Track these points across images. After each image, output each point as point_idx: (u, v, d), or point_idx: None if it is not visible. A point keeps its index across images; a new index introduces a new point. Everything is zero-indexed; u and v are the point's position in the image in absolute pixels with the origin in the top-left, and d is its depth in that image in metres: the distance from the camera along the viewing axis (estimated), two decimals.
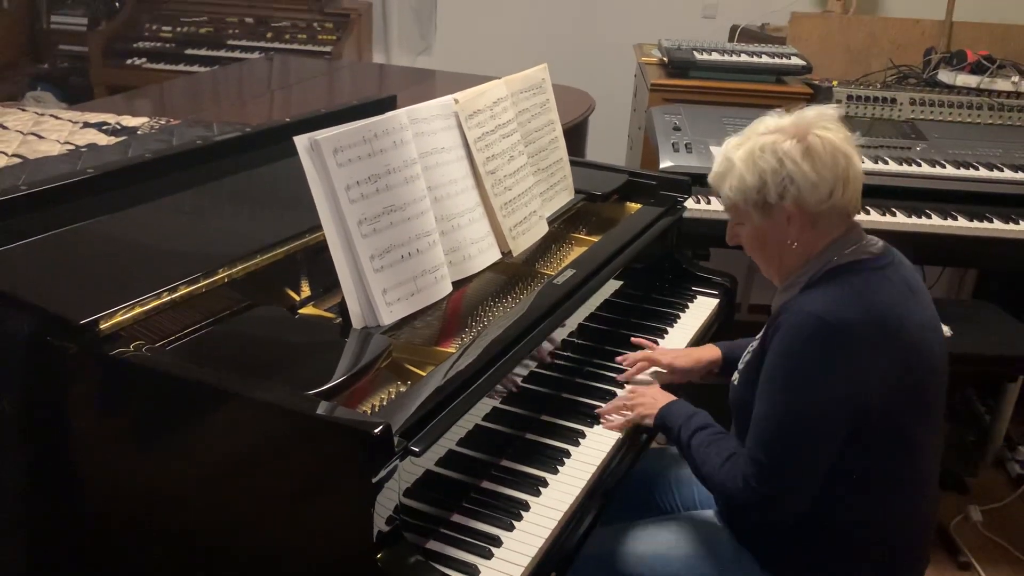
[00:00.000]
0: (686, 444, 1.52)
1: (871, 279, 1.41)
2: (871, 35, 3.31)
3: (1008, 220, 2.59)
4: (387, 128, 1.49)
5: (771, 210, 1.44)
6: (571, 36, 4.13)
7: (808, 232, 1.45)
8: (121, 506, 1.35)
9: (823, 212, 1.42)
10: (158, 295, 1.33)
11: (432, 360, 1.46)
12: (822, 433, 1.37)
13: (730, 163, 1.46)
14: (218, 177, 1.81)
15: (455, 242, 1.63)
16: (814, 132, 1.41)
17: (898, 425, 1.41)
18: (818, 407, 1.36)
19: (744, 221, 1.50)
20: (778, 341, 1.39)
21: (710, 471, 1.47)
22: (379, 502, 1.14)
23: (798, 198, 1.41)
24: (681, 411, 1.58)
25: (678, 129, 2.75)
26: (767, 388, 1.40)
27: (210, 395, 1.21)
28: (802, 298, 1.42)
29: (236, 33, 4.66)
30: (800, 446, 1.38)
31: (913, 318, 1.42)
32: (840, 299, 1.38)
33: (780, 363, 1.39)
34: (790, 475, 1.39)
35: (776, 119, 1.46)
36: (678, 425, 1.55)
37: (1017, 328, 2.66)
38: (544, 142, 2.00)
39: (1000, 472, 2.94)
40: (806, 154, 1.39)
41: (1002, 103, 2.99)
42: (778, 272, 1.53)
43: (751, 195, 1.44)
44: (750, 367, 1.50)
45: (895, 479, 1.45)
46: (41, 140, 2.17)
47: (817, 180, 1.39)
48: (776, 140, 1.42)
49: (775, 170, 1.40)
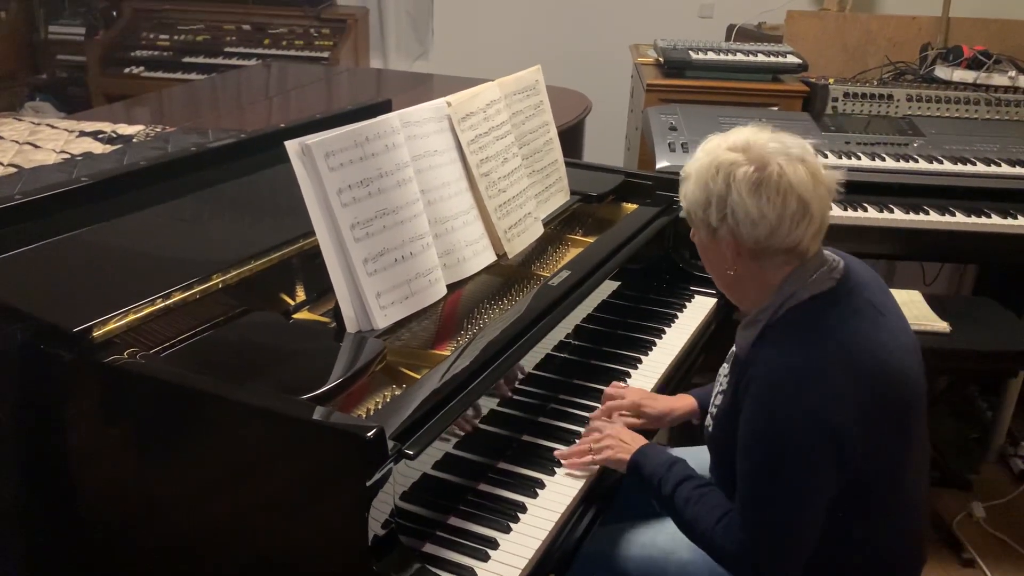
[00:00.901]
0: (668, 496, 1.44)
1: (836, 314, 1.35)
2: (867, 32, 3.30)
3: (1006, 215, 2.58)
4: (379, 132, 1.49)
5: (713, 233, 1.37)
6: (568, 38, 4.13)
7: (748, 263, 1.37)
8: (117, 513, 1.35)
9: (762, 250, 1.34)
10: (152, 302, 1.34)
11: (427, 363, 1.46)
12: (816, 482, 1.32)
13: (689, 170, 1.40)
14: (212, 184, 1.82)
15: (449, 245, 1.63)
16: (776, 163, 1.31)
17: (886, 445, 1.37)
18: (807, 457, 1.30)
19: (694, 231, 1.44)
20: (753, 398, 1.33)
21: (704, 531, 1.39)
22: (374, 506, 1.14)
23: (734, 230, 1.33)
24: (658, 458, 1.49)
25: (674, 129, 2.75)
26: (749, 449, 1.34)
27: (204, 401, 1.21)
28: (767, 349, 1.35)
29: (233, 40, 4.67)
30: (795, 506, 1.32)
31: (883, 343, 1.36)
32: (806, 342, 1.32)
33: (758, 422, 1.32)
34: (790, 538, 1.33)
35: (750, 134, 1.36)
36: (658, 476, 1.45)
37: (1017, 323, 2.65)
38: (539, 144, 2.00)
39: (1003, 468, 2.92)
40: (756, 188, 1.30)
41: (999, 98, 2.99)
42: (728, 293, 1.48)
43: (697, 211, 1.37)
44: (725, 413, 1.46)
45: (888, 495, 1.42)
46: (37, 149, 2.17)
47: (757, 218, 1.30)
48: (735, 162, 1.32)
49: (720, 196, 1.33)
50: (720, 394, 1.51)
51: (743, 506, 1.36)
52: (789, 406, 1.30)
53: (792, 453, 1.31)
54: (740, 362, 1.43)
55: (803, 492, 1.33)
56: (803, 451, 1.30)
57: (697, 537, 1.42)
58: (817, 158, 1.36)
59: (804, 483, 1.32)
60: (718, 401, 1.52)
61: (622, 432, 1.56)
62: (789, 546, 1.34)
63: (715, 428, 1.51)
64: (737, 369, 1.43)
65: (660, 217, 2.13)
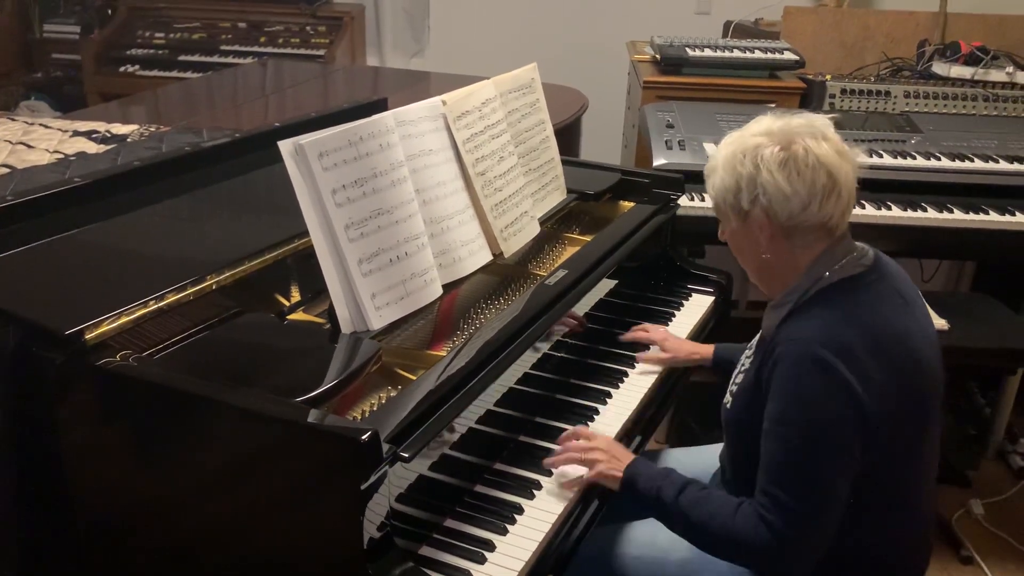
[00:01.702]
0: (671, 503, 1.41)
1: (864, 297, 1.38)
2: (865, 28, 3.29)
3: (1004, 212, 2.58)
4: (373, 131, 1.48)
5: (745, 216, 1.40)
6: (564, 35, 4.12)
7: (781, 244, 1.40)
8: (111, 516, 1.34)
9: (795, 226, 1.38)
10: (145, 303, 1.32)
11: (423, 364, 1.45)
12: (843, 460, 1.32)
13: (715, 162, 1.44)
14: (206, 184, 1.81)
15: (445, 244, 1.62)
16: (802, 141, 1.36)
17: (902, 436, 1.38)
18: (836, 435, 1.31)
19: (724, 222, 1.48)
20: (780, 376, 1.34)
21: (722, 526, 1.36)
22: (369, 508, 1.13)
23: (768, 209, 1.37)
24: (652, 470, 1.48)
25: (671, 126, 2.74)
26: (777, 428, 1.34)
27: (197, 404, 1.20)
28: (796, 326, 1.37)
29: (229, 38, 4.66)
30: (824, 483, 1.32)
31: (909, 330, 1.39)
32: (835, 322, 1.34)
33: (786, 400, 1.33)
34: (820, 510, 1.33)
35: (770, 120, 1.41)
36: (655, 485, 1.43)
37: (1015, 320, 2.65)
38: (535, 142, 1.99)
39: (1001, 465, 2.92)
40: (784, 164, 1.35)
41: (996, 94, 2.98)
42: (759, 280, 1.50)
43: (728, 197, 1.41)
44: (745, 391, 1.46)
45: (898, 488, 1.42)
46: (30, 149, 2.16)
47: (790, 193, 1.34)
48: (760, 144, 1.37)
49: (751, 177, 1.37)
50: (741, 373, 1.52)
51: (772, 487, 1.33)
52: (818, 383, 1.31)
53: (823, 431, 1.31)
54: (765, 342, 1.44)
55: (836, 470, 1.33)
56: (834, 428, 1.31)
57: (713, 536, 1.38)
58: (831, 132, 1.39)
59: (836, 460, 1.33)
60: (739, 380, 1.52)
61: (612, 447, 1.52)
62: (821, 526, 1.34)
63: (733, 405, 1.51)
64: (762, 348, 1.44)
65: (657, 215, 2.12)
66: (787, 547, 1.33)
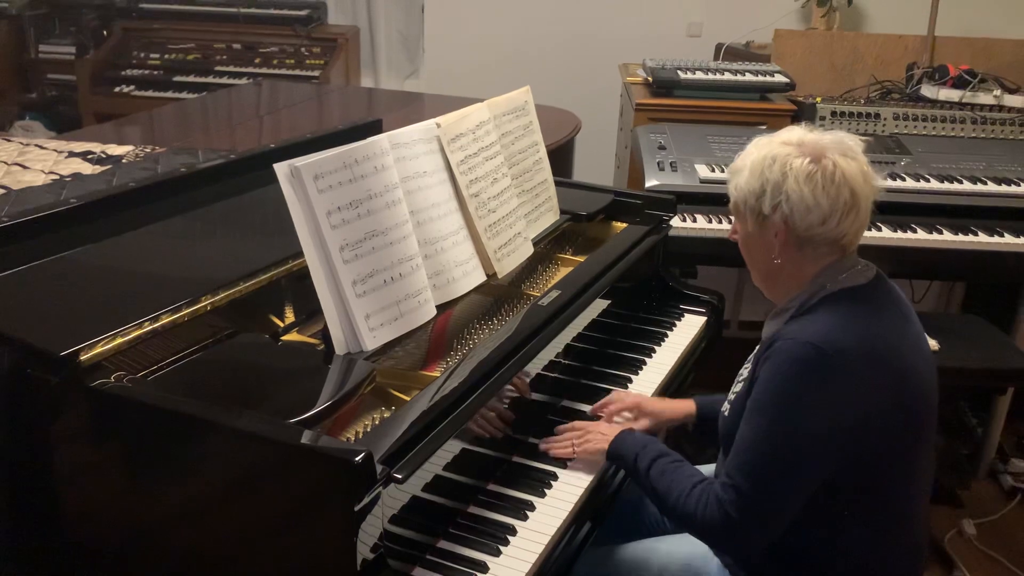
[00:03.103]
0: (644, 472, 1.48)
1: (864, 307, 1.40)
2: (854, 51, 3.33)
3: (993, 233, 2.60)
4: (368, 153, 1.49)
5: (764, 221, 1.42)
6: (557, 57, 4.15)
7: (794, 253, 1.43)
8: (104, 537, 1.34)
9: (811, 238, 1.40)
10: (140, 325, 1.32)
11: (417, 385, 1.45)
12: (808, 463, 1.34)
13: (743, 163, 1.45)
14: (201, 205, 1.81)
15: (439, 265, 1.63)
16: (831, 157, 1.38)
17: (895, 450, 1.39)
18: (806, 436, 1.33)
19: (740, 224, 1.50)
20: (769, 369, 1.36)
21: (677, 499, 1.42)
22: (363, 530, 1.13)
23: (788, 217, 1.39)
24: (635, 440, 1.55)
25: (663, 148, 2.76)
26: (755, 415, 1.37)
27: (192, 425, 1.20)
28: (794, 326, 1.39)
29: (224, 59, 4.69)
30: (785, 476, 1.35)
31: (906, 345, 1.41)
32: (834, 326, 1.36)
33: (771, 390, 1.35)
34: (769, 504, 1.36)
35: (803, 132, 1.44)
36: (634, 453, 1.51)
37: (1005, 341, 2.67)
38: (528, 163, 2.00)
39: (993, 485, 2.93)
40: (811, 177, 1.37)
41: (984, 116, 3.02)
42: (763, 284, 1.53)
43: (750, 200, 1.43)
44: (740, 397, 1.47)
45: (892, 504, 1.43)
46: (25, 170, 2.17)
47: (812, 205, 1.37)
48: (791, 154, 1.39)
49: (777, 183, 1.39)
50: (740, 383, 1.53)
51: (734, 471, 1.37)
52: (807, 380, 1.33)
53: (800, 427, 1.33)
54: (764, 343, 1.45)
55: (802, 468, 1.35)
56: (812, 427, 1.33)
57: (670, 507, 1.45)
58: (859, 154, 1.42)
59: (805, 459, 1.34)
60: (737, 389, 1.53)
61: (602, 426, 1.63)
62: (772, 517, 1.37)
63: (731, 413, 1.51)
64: (760, 351, 1.45)
65: (650, 236, 2.14)
66: (734, 531, 1.37)
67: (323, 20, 4.76)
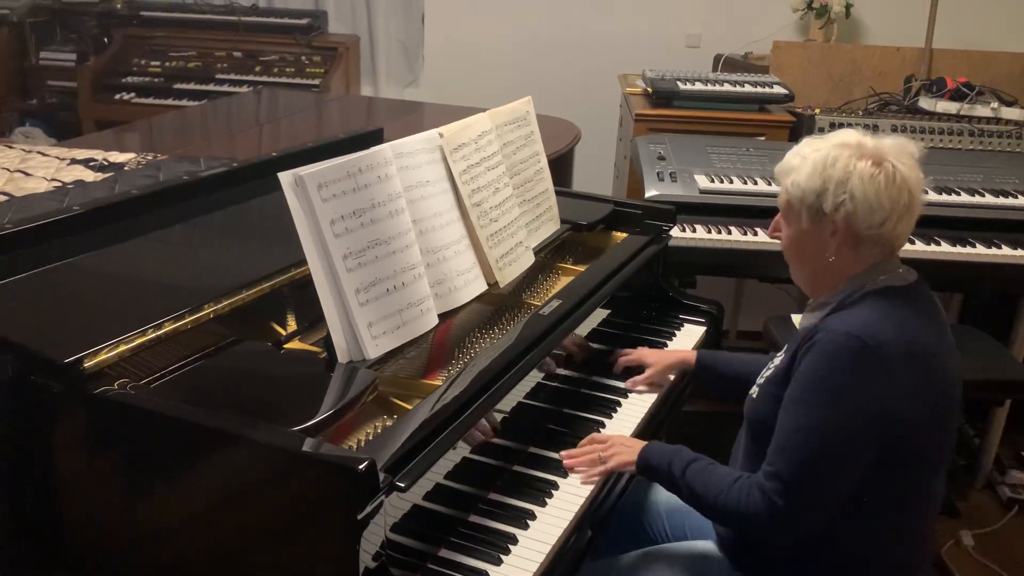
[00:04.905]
0: (680, 475, 1.49)
1: (904, 305, 1.42)
2: (852, 63, 3.35)
3: (990, 245, 2.61)
4: (372, 163, 1.50)
5: (822, 219, 1.44)
6: (557, 67, 4.17)
7: (848, 251, 1.45)
8: (106, 544, 1.34)
9: (869, 237, 1.42)
10: (143, 332, 1.33)
11: (419, 393, 1.46)
12: (851, 452, 1.37)
13: (802, 160, 1.46)
14: (204, 212, 1.82)
15: (441, 274, 1.63)
16: (892, 161, 1.41)
17: (921, 447, 1.42)
18: (850, 425, 1.35)
19: (791, 221, 1.50)
20: (811, 359, 1.38)
21: (719, 495, 1.43)
22: (365, 538, 1.13)
23: (850, 216, 1.41)
24: (664, 448, 1.55)
25: (663, 158, 2.77)
26: (797, 405, 1.39)
27: (194, 433, 1.21)
28: (836, 319, 1.42)
29: (225, 67, 4.70)
30: (828, 464, 1.37)
31: (941, 346, 1.44)
32: (875, 320, 1.38)
33: (814, 379, 1.38)
34: (814, 492, 1.38)
35: (860, 136, 1.45)
36: (667, 460, 1.52)
37: (1002, 352, 2.67)
38: (529, 173, 2.01)
39: (991, 496, 2.94)
40: (874, 178, 1.39)
41: (982, 129, 3.03)
42: (808, 281, 1.54)
43: (809, 198, 1.44)
44: (773, 382, 1.49)
45: (908, 503, 1.45)
46: (28, 177, 2.17)
47: (876, 206, 1.39)
48: (852, 155, 1.42)
49: (840, 182, 1.40)
50: (770, 369, 1.55)
51: (777, 460, 1.39)
52: (848, 372, 1.35)
53: (842, 419, 1.35)
54: (801, 335, 1.47)
55: (843, 458, 1.37)
56: (853, 419, 1.35)
57: (711, 504, 1.45)
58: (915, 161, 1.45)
59: (846, 449, 1.37)
60: (767, 373, 1.55)
61: (625, 439, 1.63)
62: (814, 507, 1.39)
63: (759, 395, 1.53)
64: (797, 341, 1.47)
65: (650, 246, 2.15)
66: (781, 520, 1.38)
67: (323, 29, 4.78)
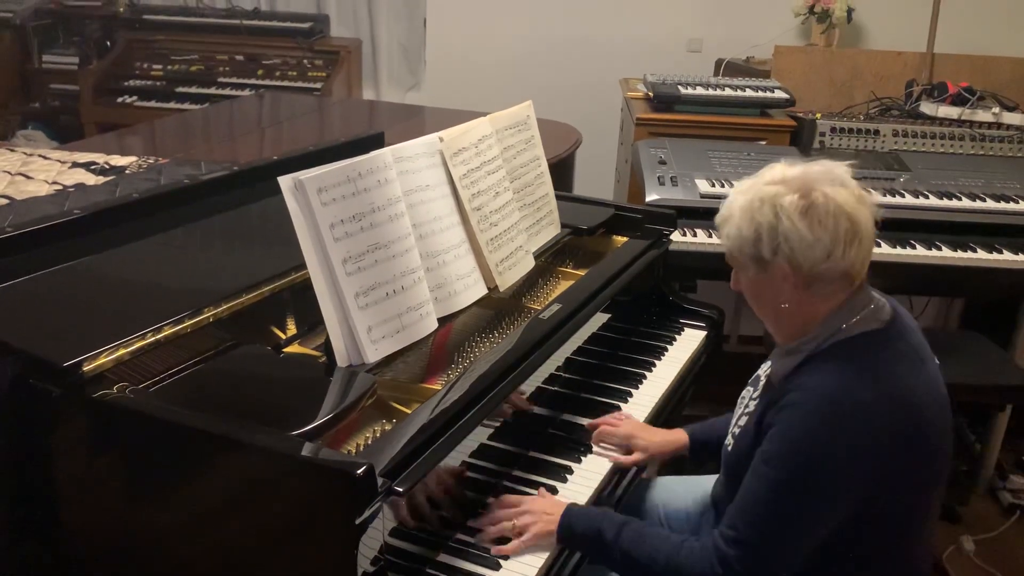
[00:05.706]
0: (613, 542, 1.39)
1: (881, 355, 1.35)
2: (854, 68, 3.35)
3: (991, 250, 2.61)
4: (371, 167, 1.50)
5: (767, 266, 1.36)
6: (558, 71, 4.17)
7: (802, 293, 1.36)
8: (105, 548, 1.34)
9: (820, 274, 1.34)
10: (143, 336, 1.33)
11: (418, 397, 1.46)
12: (819, 518, 1.32)
13: (730, 211, 1.40)
14: (204, 216, 1.82)
15: (440, 278, 1.63)
16: (820, 189, 1.32)
17: (909, 498, 1.37)
18: (821, 492, 1.30)
19: (741, 271, 1.43)
20: (784, 421, 1.32)
21: (668, 558, 1.36)
22: (363, 543, 1.13)
23: (791, 257, 1.33)
24: (589, 513, 1.45)
25: (664, 163, 2.77)
26: (766, 468, 1.33)
27: (193, 437, 1.21)
28: (810, 376, 1.35)
29: (227, 71, 4.71)
30: (795, 532, 1.32)
31: (925, 390, 1.37)
32: (852, 377, 1.32)
33: (784, 445, 1.32)
34: (779, 560, 1.33)
35: (785, 168, 1.38)
36: (595, 527, 1.41)
37: (1003, 357, 2.67)
38: (530, 177, 2.01)
39: (992, 501, 2.93)
40: (805, 212, 1.31)
41: (983, 134, 3.03)
42: (776, 330, 1.46)
43: (747, 247, 1.37)
44: (746, 434, 1.44)
45: (899, 550, 1.41)
46: (29, 180, 2.17)
47: (812, 241, 1.31)
48: (778, 193, 1.34)
49: (771, 225, 1.33)
50: (744, 416, 1.50)
51: (739, 521, 1.33)
52: (823, 436, 1.29)
53: (812, 483, 1.30)
54: (773, 387, 1.43)
55: (810, 522, 1.32)
56: (825, 483, 1.30)
57: (662, 567, 1.37)
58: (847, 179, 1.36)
59: (814, 514, 1.32)
60: (741, 422, 1.50)
61: (541, 504, 1.47)
62: (778, 571, 1.34)
63: (735, 447, 1.49)
64: (768, 393, 1.43)
65: (650, 250, 2.14)
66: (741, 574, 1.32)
67: (326, 33, 4.79)
